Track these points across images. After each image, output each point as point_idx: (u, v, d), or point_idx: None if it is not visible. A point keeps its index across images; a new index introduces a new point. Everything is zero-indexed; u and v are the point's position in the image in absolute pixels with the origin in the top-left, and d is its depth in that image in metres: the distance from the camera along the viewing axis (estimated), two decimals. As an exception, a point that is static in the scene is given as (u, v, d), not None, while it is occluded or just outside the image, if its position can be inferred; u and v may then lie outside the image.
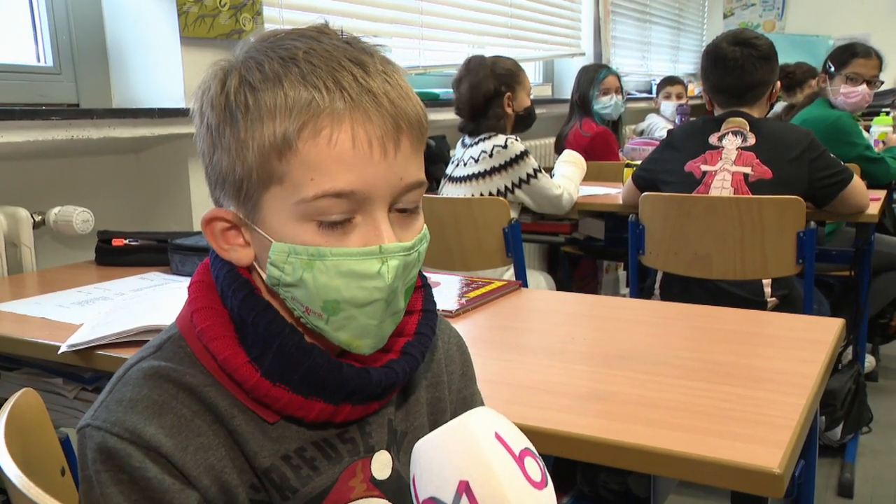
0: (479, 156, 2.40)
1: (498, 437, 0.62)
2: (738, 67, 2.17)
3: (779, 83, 2.24)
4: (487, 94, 2.43)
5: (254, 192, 0.63)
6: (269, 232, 0.63)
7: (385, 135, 0.61)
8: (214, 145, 0.63)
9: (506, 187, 2.40)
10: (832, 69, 3.00)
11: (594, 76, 3.63)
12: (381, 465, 0.70)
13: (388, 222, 0.63)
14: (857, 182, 2.11)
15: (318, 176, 0.60)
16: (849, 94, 2.94)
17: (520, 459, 0.61)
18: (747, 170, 2.09)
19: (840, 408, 2.32)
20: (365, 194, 0.61)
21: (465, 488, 0.59)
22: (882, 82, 3.09)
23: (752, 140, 2.11)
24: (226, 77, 0.63)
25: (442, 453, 0.61)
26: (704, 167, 2.17)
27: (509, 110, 2.47)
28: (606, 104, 3.62)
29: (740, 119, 2.15)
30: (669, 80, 4.60)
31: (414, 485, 0.64)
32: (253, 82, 0.61)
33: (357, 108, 0.60)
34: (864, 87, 2.94)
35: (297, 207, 0.61)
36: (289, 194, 0.61)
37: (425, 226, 0.68)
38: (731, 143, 2.14)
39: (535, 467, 0.62)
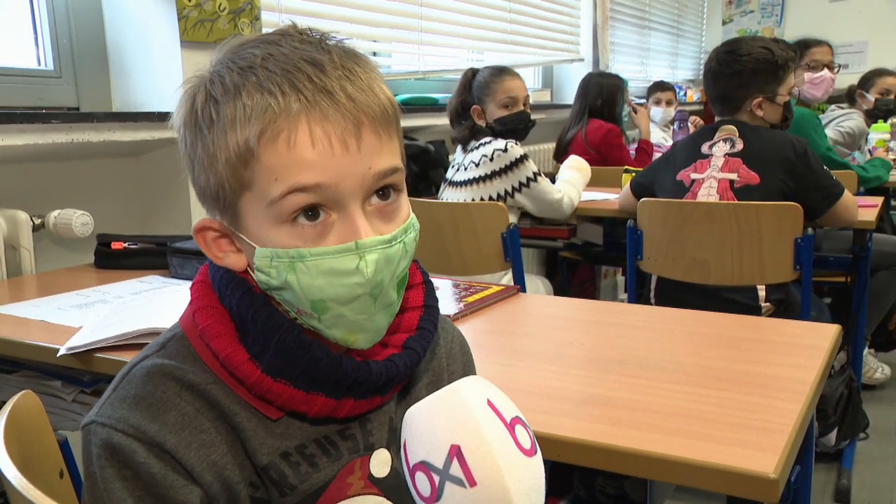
0: (480, 160, 2.41)
1: (490, 403, 0.63)
2: (714, 78, 2.22)
3: (789, 90, 2.21)
4: (456, 108, 2.54)
5: (230, 201, 0.65)
6: (252, 238, 0.65)
7: (345, 131, 0.62)
8: (192, 161, 0.66)
9: (505, 191, 2.41)
10: None
11: (620, 85, 3.63)
12: (380, 462, 0.71)
13: (364, 217, 0.64)
14: (848, 197, 2.11)
15: (282, 176, 0.61)
16: (814, 79, 2.96)
17: (510, 427, 0.62)
18: (733, 176, 2.10)
19: (833, 413, 2.32)
20: (333, 188, 0.62)
21: (456, 452, 0.60)
22: (839, 66, 3.13)
23: (739, 146, 2.12)
24: (195, 94, 0.65)
25: (433, 419, 0.62)
26: (694, 175, 2.18)
27: (481, 122, 2.50)
28: (627, 112, 3.65)
29: (731, 126, 2.16)
30: (659, 86, 4.54)
31: (405, 450, 0.64)
32: (216, 96, 0.63)
33: (313, 107, 0.61)
34: (826, 71, 2.96)
35: (270, 210, 0.62)
36: (259, 199, 0.63)
37: (413, 215, 0.68)
38: (719, 151, 2.15)
39: (525, 435, 0.63)
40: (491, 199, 2.41)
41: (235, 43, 0.66)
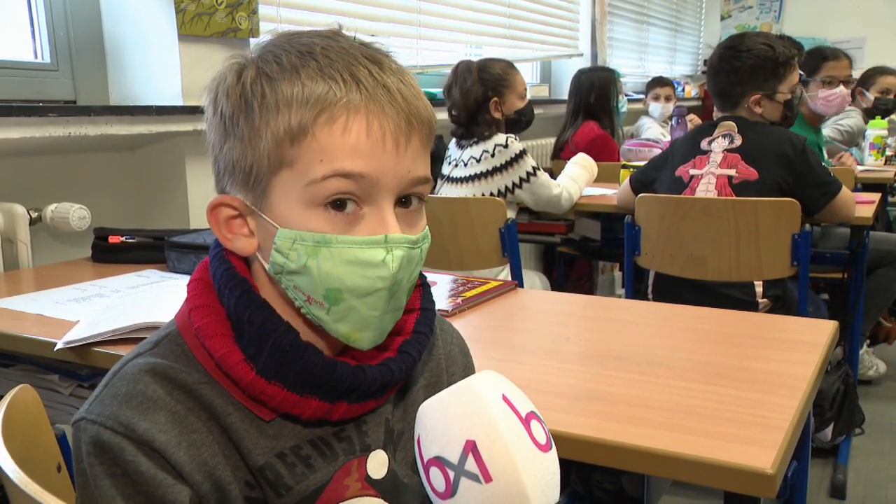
0: (481, 155, 2.41)
1: (505, 398, 0.63)
2: (714, 73, 2.23)
3: (798, 88, 2.20)
4: (477, 100, 2.45)
5: (263, 178, 0.64)
6: (275, 219, 0.64)
7: (398, 129, 0.63)
8: (227, 134, 0.65)
9: (506, 187, 2.41)
10: (804, 77, 2.99)
11: (611, 77, 3.62)
12: (377, 464, 0.71)
13: (394, 215, 0.64)
14: (846, 193, 2.11)
15: (328, 158, 0.61)
16: (828, 97, 2.92)
17: (526, 422, 0.62)
18: (731, 172, 2.10)
19: (829, 408, 2.33)
20: (373, 181, 0.62)
21: (471, 448, 0.60)
22: (855, 80, 3.07)
23: (738, 141, 2.12)
24: (242, 69, 0.65)
25: (448, 414, 0.62)
26: (693, 171, 2.18)
27: (498, 115, 2.47)
28: (623, 104, 3.65)
29: (730, 122, 2.16)
30: (658, 82, 4.55)
31: (419, 445, 0.64)
32: (270, 73, 0.63)
33: (373, 100, 0.62)
34: (840, 87, 2.93)
35: (306, 191, 0.62)
36: (298, 177, 0.62)
37: (427, 227, 0.69)
38: (718, 147, 2.15)
39: (540, 431, 0.63)
40: (492, 194, 2.41)
41: (284, 33, 0.67)
